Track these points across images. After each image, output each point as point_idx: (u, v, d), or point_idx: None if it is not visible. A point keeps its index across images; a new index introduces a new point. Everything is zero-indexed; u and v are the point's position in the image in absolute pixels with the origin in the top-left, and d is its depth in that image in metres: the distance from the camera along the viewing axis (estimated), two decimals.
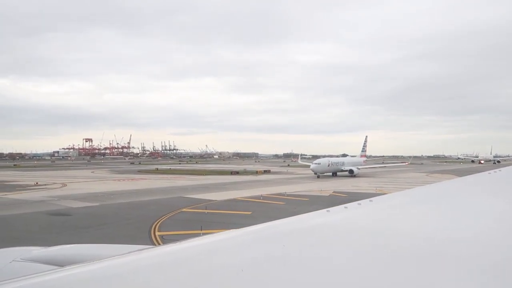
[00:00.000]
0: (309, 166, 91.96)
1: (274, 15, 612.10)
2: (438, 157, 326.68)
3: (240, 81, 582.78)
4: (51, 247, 4.00)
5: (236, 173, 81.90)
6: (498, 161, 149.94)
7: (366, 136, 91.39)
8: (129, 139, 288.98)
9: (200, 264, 1.86)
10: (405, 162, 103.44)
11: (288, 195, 39.16)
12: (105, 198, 37.13)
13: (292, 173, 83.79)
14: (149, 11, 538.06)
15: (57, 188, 48.72)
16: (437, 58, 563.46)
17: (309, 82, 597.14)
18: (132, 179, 65.22)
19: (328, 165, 68.87)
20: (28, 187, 49.33)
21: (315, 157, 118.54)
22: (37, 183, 55.02)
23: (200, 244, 2.23)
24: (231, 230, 2.46)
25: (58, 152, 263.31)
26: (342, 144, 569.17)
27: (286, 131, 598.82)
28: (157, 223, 24.56)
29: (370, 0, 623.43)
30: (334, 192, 43.82)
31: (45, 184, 53.36)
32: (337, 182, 58.76)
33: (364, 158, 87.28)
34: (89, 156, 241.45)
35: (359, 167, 74.27)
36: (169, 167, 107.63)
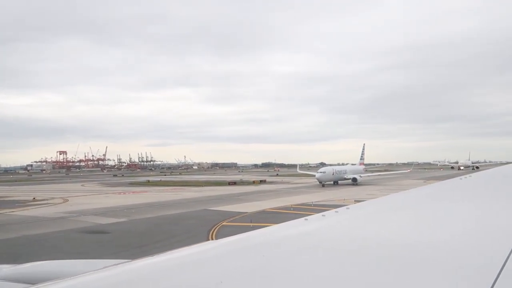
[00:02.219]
0: (308, 175, 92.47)
1: (250, 26, 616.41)
2: (411, 164, 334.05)
3: (216, 92, 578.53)
4: (21, 264, 3.87)
5: (234, 183, 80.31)
6: (477, 167, 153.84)
7: (364, 144, 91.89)
8: (105, 151, 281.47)
9: (178, 277, 1.83)
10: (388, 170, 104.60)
11: (315, 205, 38.19)
12: (127, 213, 35.05)
13: (289, 182, 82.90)
14: (122, 20, 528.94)
15: (62, 203, 45.85)
16: (409, 68, 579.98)
17: (285, 92, 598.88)
18: (133, 192, 62.59)
19: (333, 174, 68.60)
20: (29, 203, 46.28)
21: (322, 165, 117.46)
22: (34, 198, 51.71)
23: (177, 256, 2.18)
24: (209, 241, 2.59)
25: (31, 165, 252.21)
26: (318, 153, 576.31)
27: (263, 140, 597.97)
28: (210, 238, 23.04)
29: (344, 12, 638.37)
30: (355, 201, 43.22)
31: (44, 200, 50.25)
32: (348, 190, 58.30)
33: (363, 166, 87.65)
34: (65, 169, 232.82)
35: (361, 175, 74.34)
36: (159, 179, 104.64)
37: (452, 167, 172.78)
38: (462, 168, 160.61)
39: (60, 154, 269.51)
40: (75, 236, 24.31)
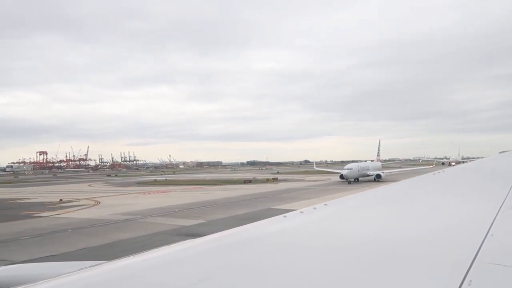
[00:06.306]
0: (322, 172, 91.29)
1: (230, 23, 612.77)
2: (393, 160, 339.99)
3: (197, 90, 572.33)
4: None
5: (249, 181, 78.68)
6: None
7: (380, 140, 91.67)
8: (86, 151, 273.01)
9: (156, 276, 1.81)
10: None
11: None
12: (193, 214, 32.98)
13: (303, 180, 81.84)
14: (98, 16, 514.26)
15: (96, 205, 43.12)
16: (389, 65, 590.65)
17: (267, 90, 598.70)
18: (156, 192, 59.85)
19: (358, 171, 67.77)
20: (60, 205, 43.43)
21: (306, 162, 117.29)
22: (61, 200, 48.41)
23: (155, 256, 2.16)
24: (188, 240, 2.44)
25: (11, 166, 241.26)
26: (300, 150, 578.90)
27: (246, 139, 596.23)
28: None
29: (325, 8, 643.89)
30: None
31: (71, 201, 47.12)
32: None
33: (381, 163, 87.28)
34: (48, 170, 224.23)
35: (383, 171, 73.87)
36: (164, 178, 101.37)
37: (443, 163, 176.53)
38: (453, 163, 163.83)
39: (40, 154, 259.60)
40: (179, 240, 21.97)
